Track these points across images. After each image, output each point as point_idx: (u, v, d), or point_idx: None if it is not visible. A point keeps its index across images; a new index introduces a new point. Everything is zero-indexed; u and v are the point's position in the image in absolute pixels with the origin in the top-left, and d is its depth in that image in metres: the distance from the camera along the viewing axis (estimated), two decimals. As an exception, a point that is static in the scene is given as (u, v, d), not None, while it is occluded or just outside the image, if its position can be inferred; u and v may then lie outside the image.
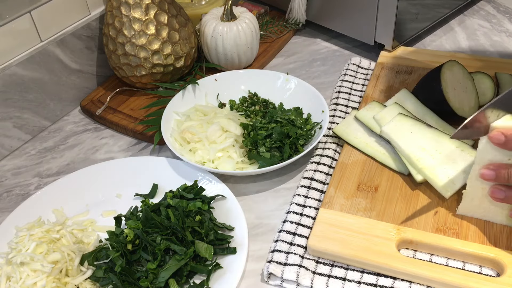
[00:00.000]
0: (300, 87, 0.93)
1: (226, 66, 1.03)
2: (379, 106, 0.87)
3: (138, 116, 0.94)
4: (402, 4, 0.95)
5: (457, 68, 0.83)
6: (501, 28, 1.13)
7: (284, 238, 0.72)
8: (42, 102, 0.95)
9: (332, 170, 0.82)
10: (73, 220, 0.78)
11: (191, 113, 0.91)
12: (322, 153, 0.85)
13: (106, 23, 0.95)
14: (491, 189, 0.67)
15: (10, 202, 0.83)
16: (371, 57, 1.06)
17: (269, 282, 0.69)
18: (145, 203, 0.75)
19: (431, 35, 1.12)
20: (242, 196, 0.82)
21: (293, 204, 0.77)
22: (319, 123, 0.87)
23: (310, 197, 0.78)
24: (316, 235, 0.70)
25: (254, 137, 0.83)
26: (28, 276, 0.66)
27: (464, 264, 0.68)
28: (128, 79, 0.98)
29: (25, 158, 0.91)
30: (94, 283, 0.68)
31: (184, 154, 0.83)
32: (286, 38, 1.14)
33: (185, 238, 0.69)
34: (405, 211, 0.73)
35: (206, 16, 1.02)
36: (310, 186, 0.79)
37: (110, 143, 0.93)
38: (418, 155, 0.76)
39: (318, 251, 0.69)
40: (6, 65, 0.88)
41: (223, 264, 0.70)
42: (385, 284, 0.66)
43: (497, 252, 0.66)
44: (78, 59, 0.99)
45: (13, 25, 0.87)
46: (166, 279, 0.66)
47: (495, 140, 0.63)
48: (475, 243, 0.68)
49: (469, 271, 0.67)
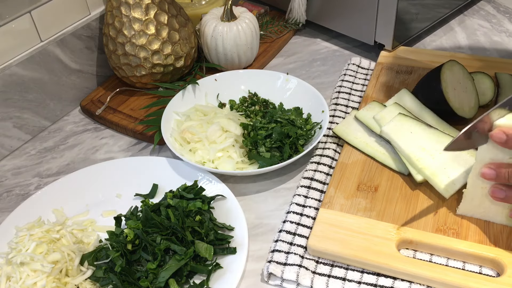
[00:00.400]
0: (300, 87, 0.93)
1: (226, 66, 1.03)
2: (379, 106, 0.87)
3: (138, 116, 0.94)
4: (402, 4, 0.95)
5: (457, 68, 0.83)
6: (501, 28, 1.13)
7: (284, 238, 0.72)
8: (42, 102, 0.95)
9: (332, 170, 0.82)
10: (73, 220, 0.78)
11: (191, 113, 0.91)
12: (322, 153, 0.85)
13: (106, 23, 0.95)
14: (492, 188, 0.67)
15: (10, 202, 0.83)
16: (371, 57, 1.06)
17: (269, 282, 0.69)
18: (145, 203, 0.75)
19: (431, 35, 1.12)
20: (242, 196, 0.81)
21: (293, 204, 0.77)
22: (319, 123, 0.86)
23: (310, 197, 0.78)
24: (316, 235, 0.70)
25: (254, 137, 0.83)
26: (28, 276, 0.66)
27: (464, 264, 0.68)
28: (128, 79, 0.98)
29: (25, 158, 0.91)
30: (94, 283, 0.68)
31: (184, 154, 0.83)
32: (286, 38, 1.14)
33: (185, 238, 0.69)
34: (405, 211, 0.73)
35: (206, 16, 1.02)
36: (310, 186, 0.79)
37: (110, 143, 0.93)
38: (418, 155, 0.76)
39: (318, 251, 0.69)
40: (6, 65, 0.88)
41: (223, 264, 0.70)
42: (385, 284, 0.66)
43: (497, 252, 0.66)
44: (78, 59, 0.99)
45: (13, 25, 0.87)
46: (166, 279, 0.66)
47: (497, 139, 0.63)
48: (475, 243, 0.68)
49: (469, 271, 0.67)
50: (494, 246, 0.67)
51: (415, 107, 0.85)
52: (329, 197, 0.75)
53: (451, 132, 0.81)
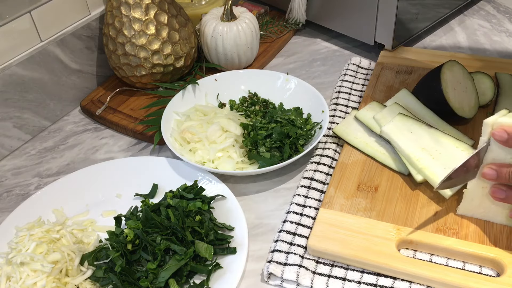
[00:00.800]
0: (300, 87, 0.93)
1: (226, 66, 1.03)
2: (379, 106, 0.87)
3: (138, 116, 0.94)
4: (402, 4, 0.95)
5: (457, 68, 0.83)
6: (501, 28, 1.12)
7: (284, 238, 0.72)
8: (42, 102, 0.95)
9: (332, 170, 0.82)
10: (73, 220, 0.78)
11: (191, 113, 0.91)
12: (322, 153, 0.85)
13: (106, 23, 0.95)
14: (492, 188, 0.67)
15: (10, 202, 0.83)
16: (371, 57, 1.06)
17: (269, 282, 0.69)
18: (145, 203, 0.75)
19: (431, 35, 1.12)
20: (242, 196, 0.81)
21: (293, 204, 0.77)
22: (319, 123, 0.86)
23: (310, 197, 0.78)
24: (316, 235, 0.70)
25: (254, 137, 0.83)
26: (28, 276, 0.66)
27: (464, 264, 0.68)
28: (128, 79, 0.98)
29: (25, 158, 0.91)
30: (94, 283, 0.68)
31: (184, 154, 0.83)
32: (286, 38, 1.14)
33: (185, 238, 0.69)
34: (405, 211, 0.73)
35: (206, 16, 1.02)
36: (310, 186, 0.79)
37: (110, 143, 0.93)
38: (418, 155, 0.76)
39: (318, 251, 0.69)
40: (6, 65, 0.88)
41: (223, 264, 0.70)
42: (385, 284, 0.66)
43: (497, 252, 0.66)
44: (78, 59, 0.99)
45: (13, 25, 0.87)
46: (166, 279, 0.66)
47: (498, 137, 0.63)
48: (475, 243, 0.68)
49: (469, 271, 0.67)
50: (494, 246, 0.67)
51: (415, 107, 0.85)
52: (329, 197, 0.75)
53: (451, 132, 0.81)
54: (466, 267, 0.67)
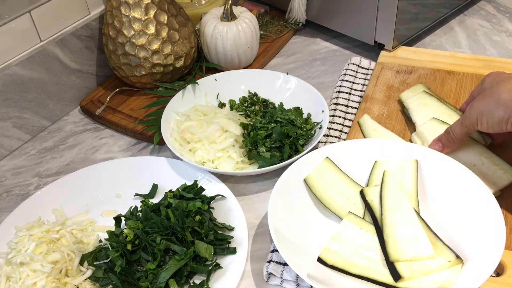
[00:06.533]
0: (300, 87, 0.93)
1: (226, 66, 1.03)
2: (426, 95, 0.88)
3: (138, 116, 0.94)
4: (402, 4, 0.95)
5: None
6: (501, 28, 1.12)
7: (284, 238, 0.72)
8: (42, 102, 0.95)
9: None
10: (73, 220, 0.78)
11: (191, 113, 0.91)
12: (322, 153, 0.84)
13: (106, 23, 0.95)
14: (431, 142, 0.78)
15: (10, 202, 0.83)
16: (371, 57, 1.06)
17: (269, 282, 0.69)
18: (145, 203, 0.75)
19: (431, 35, 1.12)
20: (242, 196, 0.81)
21: (293, 204, 0.76)
22: (319, 123, 0.86)
23: (310, 197, 0.77)
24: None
25: (254, 137, 0.83)
26: (28, 276, 0.65)
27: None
28: (128, 79, 0.98)
29: (25, 158, 0.91)
30: (94, 283, 0.68)
31: (184, 154, 0.83)
32: (286, 38, 1.13)
33: (185, 238, 0.69)
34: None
35: (206, 16, 1.02)
36: (310, 186, 0.79)
37: (110, 143, 0.93)
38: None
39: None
40: (6, 65, 0.88)
41: (223, 264, 0.70)
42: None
43: (497, 252, 0.66)
44: (78, 59, 0.99)
45: (13, 25, 0.87)
46: (166, 279, 0.66)
47: (437, 149, 0.75)
48: (475, 243, 0.68)
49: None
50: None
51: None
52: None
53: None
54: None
